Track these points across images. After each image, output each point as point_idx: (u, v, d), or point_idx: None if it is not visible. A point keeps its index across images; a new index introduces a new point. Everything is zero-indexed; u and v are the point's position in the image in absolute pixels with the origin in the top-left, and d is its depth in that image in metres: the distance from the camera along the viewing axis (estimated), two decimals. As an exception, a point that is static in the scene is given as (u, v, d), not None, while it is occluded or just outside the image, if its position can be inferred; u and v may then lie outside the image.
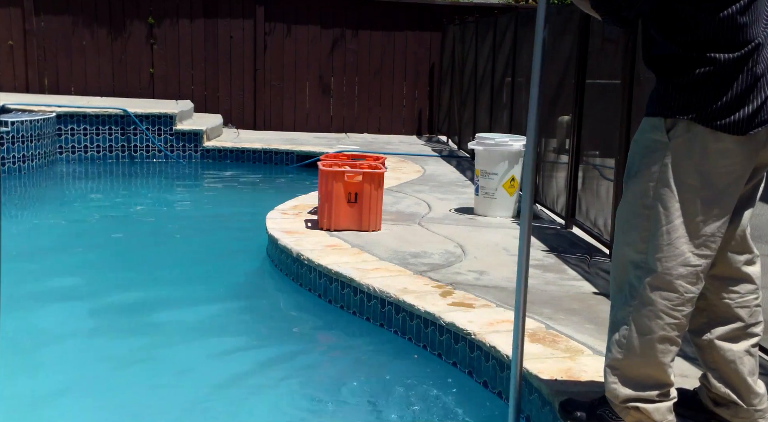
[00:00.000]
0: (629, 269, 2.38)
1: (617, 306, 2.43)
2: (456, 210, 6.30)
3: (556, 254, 4.95)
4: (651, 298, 2.32)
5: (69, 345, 3.93)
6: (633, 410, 2.42)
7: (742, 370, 2.44)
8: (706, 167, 2.24)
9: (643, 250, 2.33)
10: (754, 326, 2.46)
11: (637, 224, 2.35)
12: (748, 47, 2.19)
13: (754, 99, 2.20)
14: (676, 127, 2.25)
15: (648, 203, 2.31)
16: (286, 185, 8.62)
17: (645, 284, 2.33)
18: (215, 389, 3.47)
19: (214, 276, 5.20)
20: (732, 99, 2.20)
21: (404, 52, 12.04)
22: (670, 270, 2.30)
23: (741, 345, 2.45)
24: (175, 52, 11.63)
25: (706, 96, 2.21)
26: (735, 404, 2.48)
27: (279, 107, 11.96)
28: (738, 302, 2.44)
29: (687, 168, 2.25)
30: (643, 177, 2.32)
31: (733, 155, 2.24)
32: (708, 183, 2.25)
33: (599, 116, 5.28)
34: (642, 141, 2.35)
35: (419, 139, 11.83)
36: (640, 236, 2.34)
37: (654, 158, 2.29)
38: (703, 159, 2.24)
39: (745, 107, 2.20)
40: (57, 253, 5.68)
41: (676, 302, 2.32)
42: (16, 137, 8.21)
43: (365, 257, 4.72)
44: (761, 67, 2.21)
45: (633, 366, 2.38)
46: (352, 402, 3.43)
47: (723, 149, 2.23)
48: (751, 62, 2.19)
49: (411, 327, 3.90)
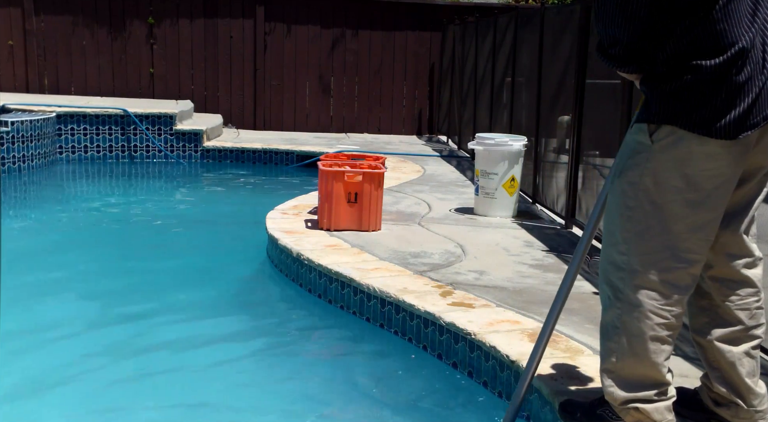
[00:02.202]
0: (610, 270, 2.38)
1: (604, 310, 2.44)
2: (456, 210, 6.31)
3: (556, 254, 4.95)
4: (638, 299, 2.32)
5: (68, 344, 3.93)
6: (632, 410, 2.42)
7: (741, 372, 2.44)
8: (691, 169, 2.23)
9: (625, 251, 2.33)
10: (755, 328, 2.46)
11: (619, 224, 2.35)
12: (731, 52, 2.16)
13: (741, 102, 2.18)
14: (659, 130, 2.25)
15: (630, 203, 2.31)
16: (286, 185, 8.62)
17: (630, 285, 2.33)
18: (214, 388, 3.48)
19: (213, 276, 5.20)
20: (719, 104, 2.18)
21: (404, 52, 12.04)
22: (653, 270, 2.30)
23: (741, 348, 2.45)
24: (175, 52, 11.63)
25: (691, 103, 2.19)
26: (735, 404, 2.48)
27: (279, 107, 11.96)
28: (738, 305, 2.43)
29: (671, 170, 2.25)
30: (626, 178, 2.32)
31: (720, 159, 2.23)
32: (694, 185, 2.25)
33: (599, 116, 5.29)
34: (629, 143, 2.35)
35: (419, 139, 11.83)
36: (622, 237, 2.34)
37: (638, 160, 2.29)
38: (688, 162, 2.23)
39: (732, 110, 2.18)
40: (57, 252, 5.68)
41: (662, 302, 2.32)
42: (16, 136, 8.21)
43: (365, 257, 4.72)
44: (747, 70, 2.17)
45: (627, 367, 2.38)
46: (351, 401, 3.44)
47: (709, 152, 2.22)
48: (735, 67, 2.16)
49: (411, 326, 3.90)
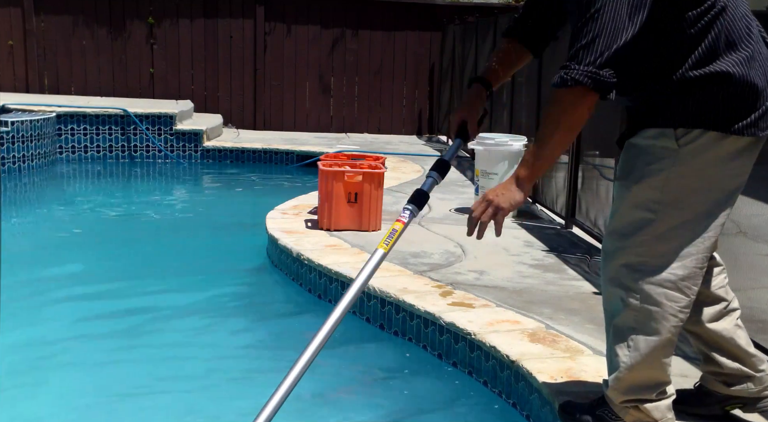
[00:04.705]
0: (624, 272, 2.36)
1: (616, 312, 2.41)
2: (456, 210, 6.31)
3: (556, 254, 4.95)
4: (657, 301, 2.31)
5: (67, 343, 3.93)
6: (633, 409, 2.42)
7: (741, 343, 2.53)
8: (717, 171, 2.26)
9: (644, 253, 2.32)
10: (732, 301, 2.56)
11: (639, 227, 2.32)
12: (746, 53, 2.20)
13: (763, 102, 2.22)
14: (688, 134, 2.24)
15: (653, 207, 2.29)
16: (286, 185, 8.62)
17: (648, 287, 2.32)
18: (214, 389, 3.48)
19: (213, 276, 5.20)
20: (744, 103, 2.20)
21: (404, 52, 12.04)
22: (677, 272, 2.30)
23: (731, 322, 2.54)
24: (175, 52, 11.63)
25: (716, 104, 2.21)
26: (747, 377, 2.54)
27: (279, 107, 11.96)
28: (715, 285, 2.53)
29: (699, 172, 2.25)
30: (647, 184, 2.29)
31: (743, 158, 2.27)
32: (718, 187, 2.28)
33: (599, 116, 5.26)
34: (646, 148, 2.31)
35: (419, 139, 11.83)
36: (640, 240, 2.32)
37: (662, 165, 2.27)
38: (715, 163, 2.25)
39: (755, 110, 2.21)
40: (57, 253, 5.68)
41: (683, 304, 2.33)
42: (16, 137, 8.21)
43: (365, 257, 4.72)
44: (762, 69, 2.22)
45: (638, 368, 2.38)
46: (351, 401, 3.44)
47: (734, 151, 2.24)
48: (752, 66, 2.20)
49: (411, 326, 3.90)
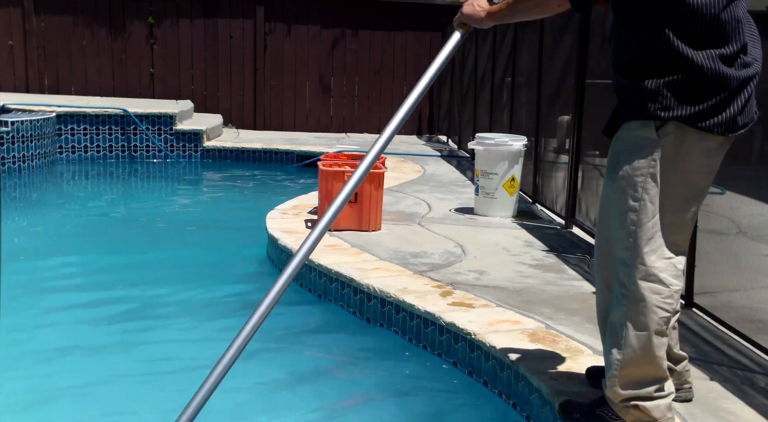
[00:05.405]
0: (619, 268, 2.41)
1: (611, 309, 2.46)
2: (456, 210, 6.31)
3: (556, 254, 4.95)
4: (642, 294, 2.36)
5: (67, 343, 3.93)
6: (633, 408, 2.43)
7: (671, 343, 2.60)
8: (690, 165, 2.31)
9: (630, 246, 2.37)
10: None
11: (625, 220, 2.37)
12: (734, 48, 2.22)
13: (738, 100, 2.25)
14: (665, 126, 2.29)
15: (637, 197, 2.34)
16: (286, 185, 8.62)
17: (635, 280, 2.36)
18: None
19: (213, 276, 5.20)
20: (718, 100, 2.24)
21: (404, 52, 12.05)
22: (655, 263, 2.35)
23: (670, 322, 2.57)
24: (175, 52, 11.63)
25: (692, 98, 2.24)
26: (672, 371, 2.62)
27: (279, 107, 11.97)
28: None
29: (674, 165, 2.30)
30: (631, 173, 2.35)
31: (715, 155, 2.33)
32: (691, 180, 2.34)
33: (599, 116, 5.28)
34: (629, 138, 2.37)
35: (419, 139, 11.83)
36: (627, 232, 2.37)
37: (643, 154, 2.32)
38: (689, 157, 2.30)
39: (729, 108, 2.25)
40: (56, 253, 5.68)
41: (665, 294, 2.36)
42: (16, 137, 8.21)
43: (365, 257, 4.72)
44: (746, 70, 2.25)
45: (632, 364, 2.40)
46: (351, 401, 3.44)
47: (707, 148, 2.30)
48: (736, 64, 2.23)
49: (411, 326, 3.90)
